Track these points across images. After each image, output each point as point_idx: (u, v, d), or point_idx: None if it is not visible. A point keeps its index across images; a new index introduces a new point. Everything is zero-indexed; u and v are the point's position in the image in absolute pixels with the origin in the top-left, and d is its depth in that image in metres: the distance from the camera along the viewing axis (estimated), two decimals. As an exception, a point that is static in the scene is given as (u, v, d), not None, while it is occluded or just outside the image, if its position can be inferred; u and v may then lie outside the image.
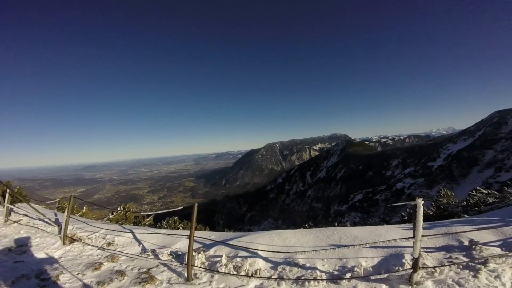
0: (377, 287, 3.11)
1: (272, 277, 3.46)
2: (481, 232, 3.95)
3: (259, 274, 3.60)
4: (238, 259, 4.00)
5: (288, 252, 3.88)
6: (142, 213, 8.59)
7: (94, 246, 5.19)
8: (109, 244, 5.28)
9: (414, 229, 3.04)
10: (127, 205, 11.10)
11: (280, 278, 3.38)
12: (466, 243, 3.70)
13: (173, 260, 4.39)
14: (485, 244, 3.66)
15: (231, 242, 4.56)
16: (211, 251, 4.42)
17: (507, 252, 3.36)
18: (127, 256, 4.67)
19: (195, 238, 4.73)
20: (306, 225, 10.61)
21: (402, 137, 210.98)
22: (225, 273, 3.71)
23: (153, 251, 4.75)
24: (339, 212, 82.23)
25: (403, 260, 3.38)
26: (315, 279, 3.27)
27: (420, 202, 2.99)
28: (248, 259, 3.96)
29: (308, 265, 3.65)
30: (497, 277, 3.08)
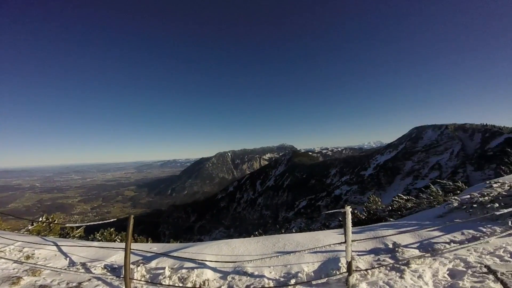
0: (321, 291, 3.28)
1: (222, 287, 3.42)
2: (402, 235, 4.52)
3: (208, 285, 3.49)
4: (184, 271, 3.79)
5: (237, 261, 3.84)
6: (68, 224, 7.49)
7: (8, 259, 4.34)
8: (28, 257, 4.49)
9: (345, 234, 3.28)
10: (52, 215, 9.56)
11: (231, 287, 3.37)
12: (391, 246, 4.16)
13: (109, 273, 3.95)
14: (406, 246, 4.17)
15: (175, 254, 4.31)
16: (153, 263, 4.10)
17: (424, 253, 3.88)
18: (52, 270, 4.03)
19: (134, 250, 4.34)
20: (256, 232, 10.76)
21: (340, 149, 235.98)
22: (169, 285, 3.49)
23: (84, 264, 4.19)
24: (287, 218, 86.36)
25: (339, 264, 3.64)
26: (263, 287, 3.35)
27: (349, 209, 3.21)
28: (195, 270, 3.79)
29: (256, 273, 3.69)
30: (420, 277, 3.46)
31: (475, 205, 5.39)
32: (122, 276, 3.70)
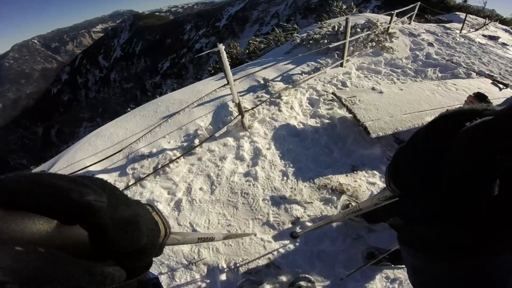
0: (226, 142, 3.38)
1: (129, 183, 2.95)
2: (266, 70, 4.91)
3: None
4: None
5: (124, 149, 3.19)
6: None
7: None
8: None
9: (225, 75, 3.06)
10: None
11: (139, 178, 2.99)
12: (262, 82, 4.60)
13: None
14: (273, 80, 4.69)
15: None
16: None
17: (288, 85, 4.45)
18: None
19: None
20: (129, 109, 9.87)
21: (190, 5, 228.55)
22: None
23: None
24: (155, 84, 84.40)
25: (230, 109, 3.70)
26: (171, 160, 3.10)
27: (222, 47, 2.90)
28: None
29: (154, 150, 3.32)
30: (292, 108, 3.93)
31: (311, 41, 6.40)
32: None
